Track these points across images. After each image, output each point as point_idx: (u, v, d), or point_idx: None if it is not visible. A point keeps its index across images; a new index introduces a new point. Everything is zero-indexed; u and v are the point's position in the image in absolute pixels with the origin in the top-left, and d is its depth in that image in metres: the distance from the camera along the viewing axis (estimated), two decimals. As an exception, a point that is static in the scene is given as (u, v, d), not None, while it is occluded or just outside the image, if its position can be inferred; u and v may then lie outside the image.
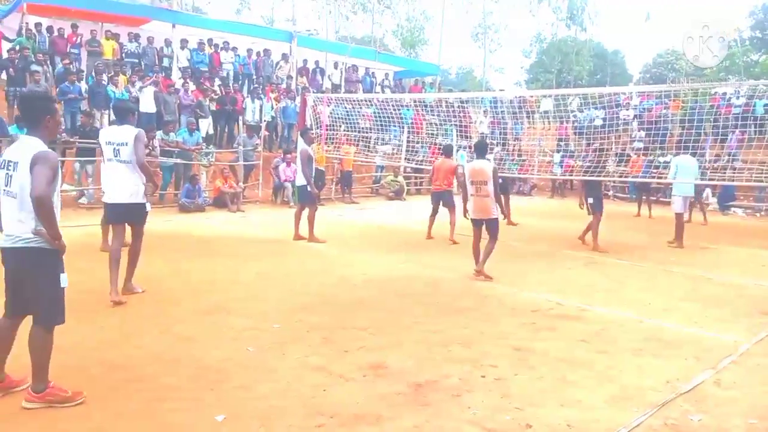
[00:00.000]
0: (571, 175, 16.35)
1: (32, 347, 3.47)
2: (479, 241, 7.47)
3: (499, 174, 8.11)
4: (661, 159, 15.16)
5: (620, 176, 15.51)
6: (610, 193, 19.66)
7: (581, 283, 7.32)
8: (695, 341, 5.07)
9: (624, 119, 19.04)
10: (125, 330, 4.88)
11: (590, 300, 6.37)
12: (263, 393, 3.80)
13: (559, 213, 14.79)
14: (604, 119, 16.16)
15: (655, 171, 14.84)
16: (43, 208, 3.31)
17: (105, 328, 4.96)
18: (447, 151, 10.99)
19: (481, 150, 7.64)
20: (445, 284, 7.01)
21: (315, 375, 4.11)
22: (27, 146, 3.42)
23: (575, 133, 19.79)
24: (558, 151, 19.29)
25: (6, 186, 3.43)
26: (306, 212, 9.52)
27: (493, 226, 7.35)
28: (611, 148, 16.28)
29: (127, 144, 5.80)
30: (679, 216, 10.37)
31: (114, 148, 5.86)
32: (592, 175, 10.06)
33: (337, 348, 4.66)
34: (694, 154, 10.57)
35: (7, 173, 3.43)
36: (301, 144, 9.62)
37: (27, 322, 3.57)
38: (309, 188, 9.35)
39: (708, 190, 16.88)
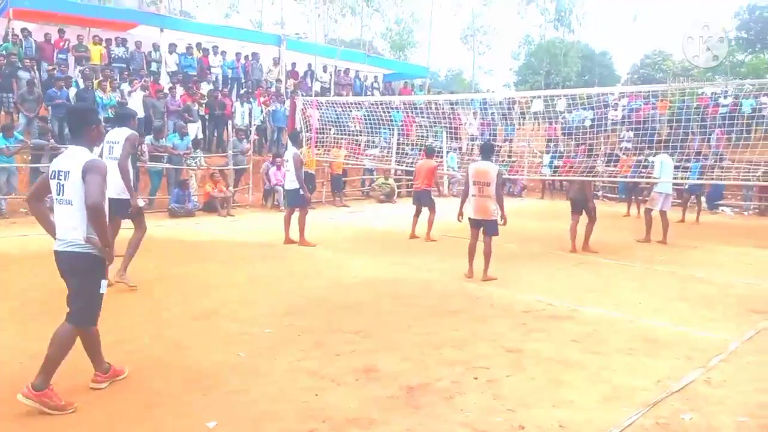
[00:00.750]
0: (562, 175, 16.39)
1: (54, 340, 3.59)
2: (476, 242, 7.48)
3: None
4: (651, 159, 15.26)
5: (609, 176, 15.60)
6: (600, 193, 19.77)
7: (572, 283, 7.35)
8: (685, 340, 5.11)
9: (612, 120, 19.15)
10: (117, 335, 4.84)
11: (581, 300, 6.40)
12: (255, 398, 3.79)
13: (549, 214, 14.84)
14: (593, 120, 16.25)
15: (644, 171, 14.93)
16: (96, 215, 3.53)
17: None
18: (428, 152, 11.34)
19: (486, 152, 7.73)
20: (437, 286, 7.02)
21: (307, 379, 4.11)
22: (76, 156, 3.63)
23: (564, 134, 19.87)
24: (547, 152, 19.36)
25: (59, 195, 3.63)
26: (296, 216, 9.51)
27: (491, 227, 7.36)
28: (600, 149, 16.38)
29: (119, 143, 6.22)
30: (662, 213, 10.53)
31: (110, 146, 6.31)
32: (581, 175, 10.11)
33: (329, 351, 4.65)
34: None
35: (59, 182, 3.63)
36: (292, 148, 9.63)
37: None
38: (302, 191, 9.36)
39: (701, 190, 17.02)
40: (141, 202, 6.51)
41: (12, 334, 4.92)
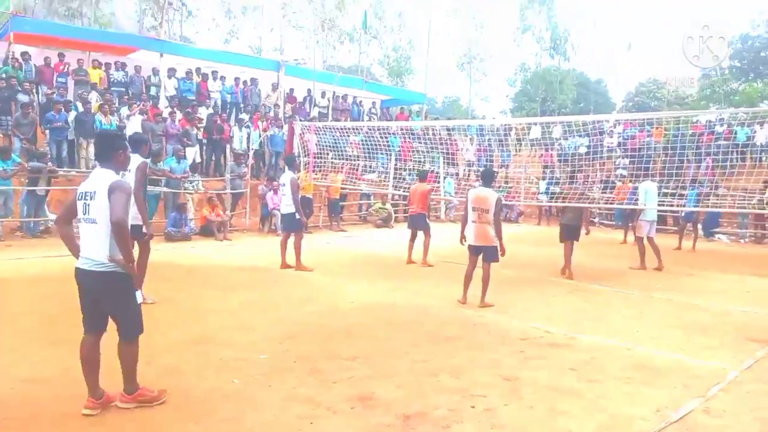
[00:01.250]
0: (558, 201, 16.45)
1: (121, 358, 3.93)
2: (473, 269, 7.43)
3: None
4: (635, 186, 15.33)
5: (606, 203, 15.67)
6: (596, 220, 19.83)
7: (569, 310, 7.32)
8: (684, 369, 5.07)
9: (608, 147, 19.31)
10: (110, 360, 4.78)
11: (578, 328, 6.37)
12: (249, 426, 3.74)
13: (546, 240, 14.84)
14: (589, 147, 16.39)
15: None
16: (120, 231, 3.68)
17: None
18: (421, 176, 11.53)
19: (487, 178, 7.73)
20: (434, 312, 6.98)
21: (302, 407, 4.05)
22: (102, 177, 3.81)
23: (560, 161, 20.01)
24: (543, 179, 19.45)
25: (84, 214, 3.80)
26: (292, 240, 9.50)
27: (490, 253, 7.32)
28: (596, 175, 16.47)
29: (130, 171, 6.28)
30: (650, 240, 10.65)
31: (122, 174, 6.32)
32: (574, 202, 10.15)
33: (324, 378, 4.60)
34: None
35: (85, 203, 3.80)
36: (289, 172, 9.66)
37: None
38: (298, 215, 9.37)
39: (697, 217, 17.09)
40: (144, 229, 6.61)
41: (4, 358, 4.85)
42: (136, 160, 6.35)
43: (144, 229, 6.48)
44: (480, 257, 7.39)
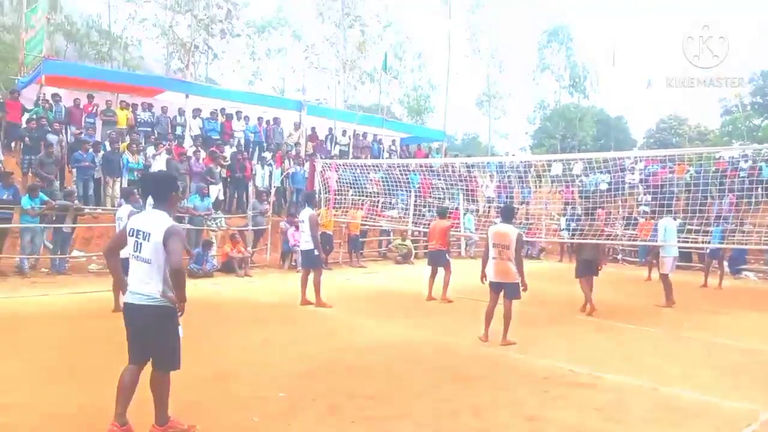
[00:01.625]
0: (578, 238, 16.29)
1: (154, 388, 4.08)
2: (495, 306, 7.32)
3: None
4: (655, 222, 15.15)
5: (628, 239, 15.48)
6: (619, 256, 19.57)
7: (593, 348, 7.19)
8: (713, 410, 4.92)
9: (630, 183, 19.18)
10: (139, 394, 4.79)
11: (603, 367, 6.23)
12: (268, 465, 3.69)
13: (568, 276, 14.64)
14: (610, 183, 16.29)
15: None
16: (178, 278, 3.97)
17: (109, 395, 4.87)
18: (441, 213, 11.53)
19: (507, 214, 7.67)
20: (455, 350, 6.90)
21: (321, 446, 4.00)
22: (158, 219, 4.00)
23: (581, 197, 19.90)
24: (564, 215, 19.30)
25: (135, 251, 4.00)
26: (312, 277, 9.52)
27: (512, 290, 7.21)
28: (618, 212, 16.33)
29: (121, 219, 7.17)
30: (667, 276, 10.66)
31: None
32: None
33: (343, 418, 4.55)
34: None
35: (137, 241, 3.99)
36: (308, 209, 9.74)
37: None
38: (316, 252, 9.40)
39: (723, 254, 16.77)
40: None
41: (24, 394, 4.88)
42: (126, 209, 7.73)
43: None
44: (501, 294, 7.31)
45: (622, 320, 9.01)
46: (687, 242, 12.91)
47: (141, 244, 3.97)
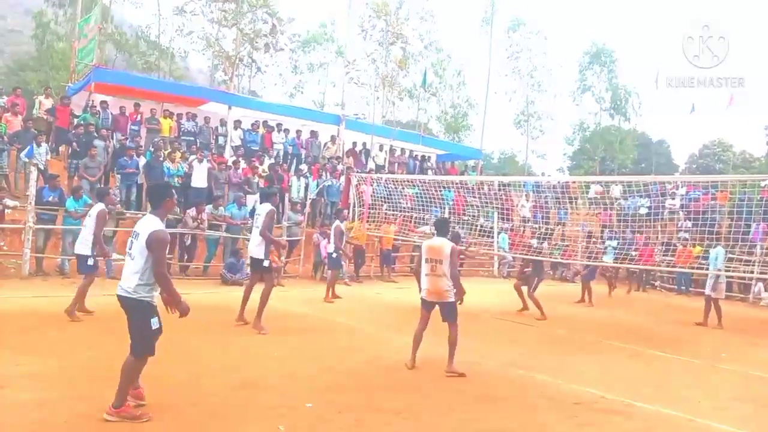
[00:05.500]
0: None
1: (122, 370, 4.44)
2: (424, 329, 6.69)
3: (537, 257, 7.89)
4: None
5: (667, 266, 15.09)
6: (657, 284, 19.09)
7: (626, 376, 7.01)
8: (750, 446, 4.74)
9: (670, 209, 18.73)
10: (157, 398, 4.88)
11: (636, 395, 6.06)
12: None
13: (602, 300, 14.37)
14: (650, 208, 15.95)
15: (704, 262, 14.40)
16: (161, 280, 4.47)
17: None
18: (440, 227, 11.13)
19: (440, 227, 7.04)
20: (483, 370, 6.81)
21: (345, 459, 4.00)
22: (148, 222, 4.54)
23: (619, 221, 19.49)
24: (610, 238, 18.56)
25: (129, 249, 4.57)
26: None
27: (447, 311, 6.59)
28: (657, 238, 15.94)
29: (91, 216, 8.31)
30: (713, 300, 11.19)
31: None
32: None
33: (369, 431, 4.53)
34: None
35: (131, 240, 4.57)
36: (336, 222, 10.00)
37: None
38: (335, 254, 10.31)
39: (761, 285, 16.22)
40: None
41: (60, 392, 5.01)
42: (97, 207, 8.22)
43: (89, 261, 8.20)
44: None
45: (657, 348, 8.77)
46: (728, 271, 12.57)
47: (132, 242, 4.52)
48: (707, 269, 11.82)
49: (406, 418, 4.89)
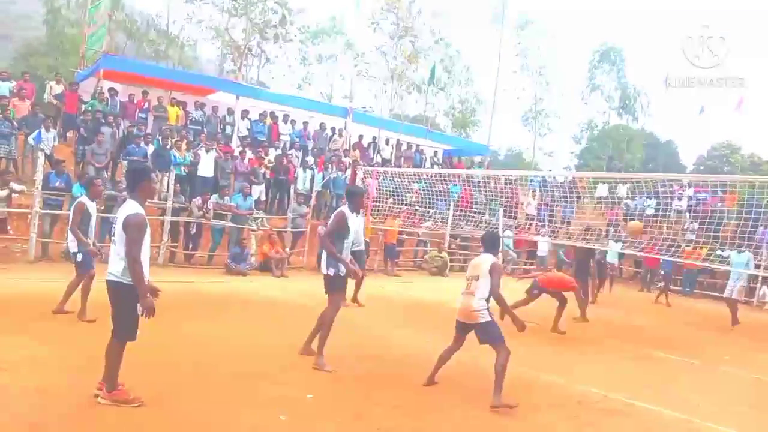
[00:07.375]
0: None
1: (107, 355, 4.49)
2: (452, 352, 5.91)
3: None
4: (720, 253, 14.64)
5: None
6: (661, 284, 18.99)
7: (630, 376, 7.02)
8: (751, 449, 4.74)
9: (677, 209, 18.65)
10: (162, 388, 4.91)
11: (638, 395, 6.06)
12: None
13: (608, 301, 14.34)
14: (656, 208, 15.90)
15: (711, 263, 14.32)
16: (131, 265, 4.34)
17: (139, 387, 4.98)
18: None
19: (488, 244, 6.13)
20: (486, 367, 6.78)
21: (345, 451, 4.01)
22: (126, 206, 4.52)
23: (625, 220, 19.40)
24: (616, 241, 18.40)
25: (112, 235, 4.60)
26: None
27: (483, 332, 5.57)
28: (661, 237, 15.88)
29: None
30: (733, 301, 11.59)
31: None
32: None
33: (369, 424, 4.56)
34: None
35: (113, 225, 4.61)
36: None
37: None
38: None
39: (765, 288, 16.17)
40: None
41: (62, 379, 5.02)
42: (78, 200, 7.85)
43: (78, 258, 7.42)
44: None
45: (661, 349, 8.76)
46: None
47: (114, 227, 4.56)
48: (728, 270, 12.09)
49: (407, 413, 4.90)
